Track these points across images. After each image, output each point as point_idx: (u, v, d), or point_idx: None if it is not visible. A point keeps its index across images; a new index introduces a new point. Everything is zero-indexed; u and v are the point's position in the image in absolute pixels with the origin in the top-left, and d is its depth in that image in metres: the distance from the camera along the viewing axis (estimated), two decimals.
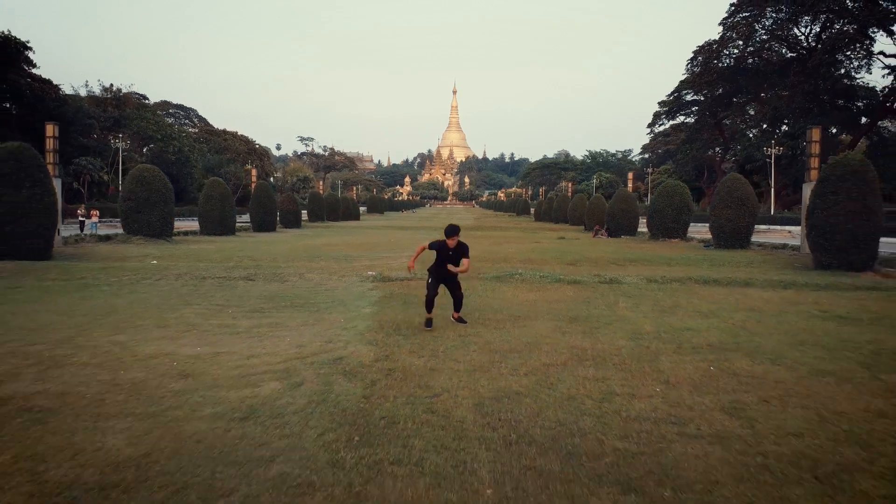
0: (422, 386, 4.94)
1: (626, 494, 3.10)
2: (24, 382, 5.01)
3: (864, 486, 3.26)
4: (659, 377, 5.25)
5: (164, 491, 3.08)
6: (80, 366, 5.54)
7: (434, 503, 2.99)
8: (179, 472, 3.30)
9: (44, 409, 4.35)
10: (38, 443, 3.75)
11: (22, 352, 6.08)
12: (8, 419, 4.17)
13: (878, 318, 8.41)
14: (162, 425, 3.99)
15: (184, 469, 3.33)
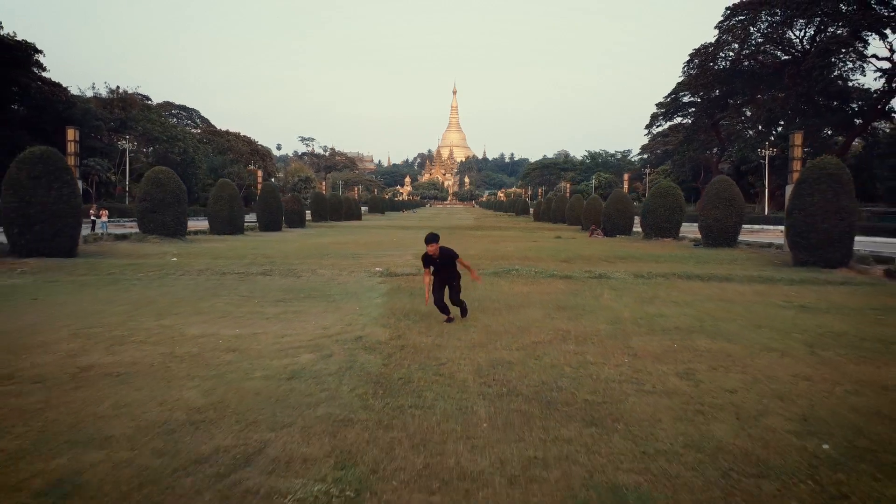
0: (430, 357, 5.94)
1: (588, 427, 4.10)
2: (98, 356, 6.01)
3: (772, 424, 4.25)
4: (628, 351, 6.25)
5: (240, 424, 4.08)
6: (140, 343, 6.54)
7: (444, 431, 3.98)
8: (248, 412, 4.30)
9: (122, 374, 5.35)
10: (127, 396, 4.74)
11: (84, 333, 7.07)
12: (96, 380, 5.16)
13: (835, 308, 9.40)
14: (224, 384, 4.99)
15: (251, 411, 4.33)
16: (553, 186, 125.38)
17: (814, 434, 4.05)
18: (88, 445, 3.73)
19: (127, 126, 55.24)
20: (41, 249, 15.53)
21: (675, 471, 3.44)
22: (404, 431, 3.97)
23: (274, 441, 3.78)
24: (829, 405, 4.67)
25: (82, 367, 5.58)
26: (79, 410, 4.37)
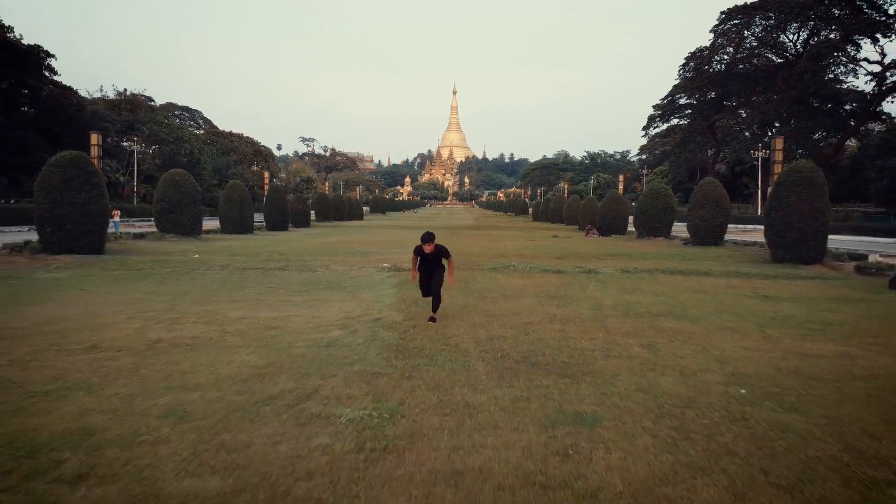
0: (438, 333, 7.13)
1: (562, 379, 5.30)
2: (161, 332, 7.20)
3: (707, 378, 5.45)
4: (603, 329, 7.45)
5: (296, 375, 5.28)
6: (193, 323, 7.73)
7: (452, 381, 5.18)
8: (300, 368, 5.50)
9: (189, 345, 6.55)
10: (200, 359, 5.94)
11: (140, 316, 8.26)
12: (169, 349, 6.36)
13: (795, 298, 10.60)
14: (275, 351, 6.20)
15: (301, 368, 5.53)
16: (552, 187, 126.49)
17: (737, 384, 5.25)
18: (183, 390, 4.93)
19: (134, 128, 56.47)
20: (71, 247, 16.70)
21: (623, 404, 4.64)
22: (421, 380, 5.17)
23: (324, 386, 4.98)
24: (758, 367, 5.88)
25: (152, 340, 6.78)
26: (165, 369, 5.57)
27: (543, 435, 4.00)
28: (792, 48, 60.63)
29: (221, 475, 3.38)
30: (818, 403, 4.76)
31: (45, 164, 17.28)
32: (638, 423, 4.26)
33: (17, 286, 11.34)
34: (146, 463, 3.54)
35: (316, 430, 4.05)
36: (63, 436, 3.93)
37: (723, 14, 60.83)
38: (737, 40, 60.98)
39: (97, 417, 4.27)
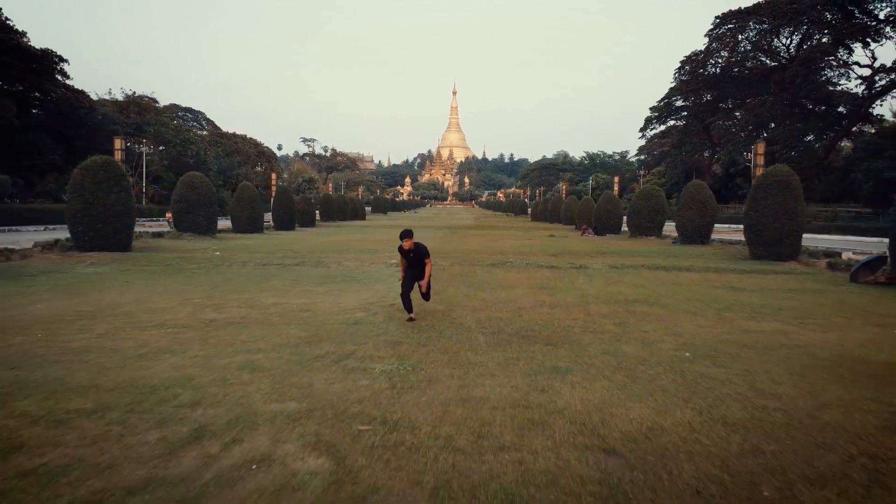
0: (445, 315, 8.49)
1: (546, 346, 6.66)
2: (212, 314, 8.55)
3: (662, 346, 6.80)
4: (585, 312, 8.82)
5: (335, 343, 6.64)
6: (236, 307, 9.09)
7: (457, 348, 6.54)
8: (337, 338, 6.86)
9: (239, 323, 7.90)
10: (253, 333, 7.28)
11: (188, 302, 9.61)
12: (224, 327, 7.71)
13: (759, 289, 11.95)
14: (313, 327, 7.55)
15: (337, 338, 6.89)
16: (552, 187, 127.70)
17: (685, 350, 6.61)
18: (249, 352, 6.29)
19: (142, 130, 57.82)
20: (102, 245, 18.05)
21: (590, 362, 6.00)
22: (434, 347, 6.54)
23: (358, 350, 6.35)
24: (705, 339, 7.23)
25: (207, 319, 8.14)
26: (228, 339, 6.93)
27: (527, 379, 5.37)
28: (785, 52, 62.03)
29: (296, 401, 4.75)
30: (742, 362, 6.12)
31: (53, 165, 18.68)
32: (599, 373, 5.62)
33: (64, 279, 12.68)
34: (239, 395, 4.90)
35: (358, 376, 5.42)
36: (170, 381, 5.29)
37: (717, 19, 62.24)
38: (731, 44, 62.38)
39: (190, 370, 5.64)
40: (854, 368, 6.00)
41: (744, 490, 3.53)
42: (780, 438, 4.23)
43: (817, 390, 5.26)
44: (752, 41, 61.96)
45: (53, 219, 39.46)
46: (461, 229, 39.93)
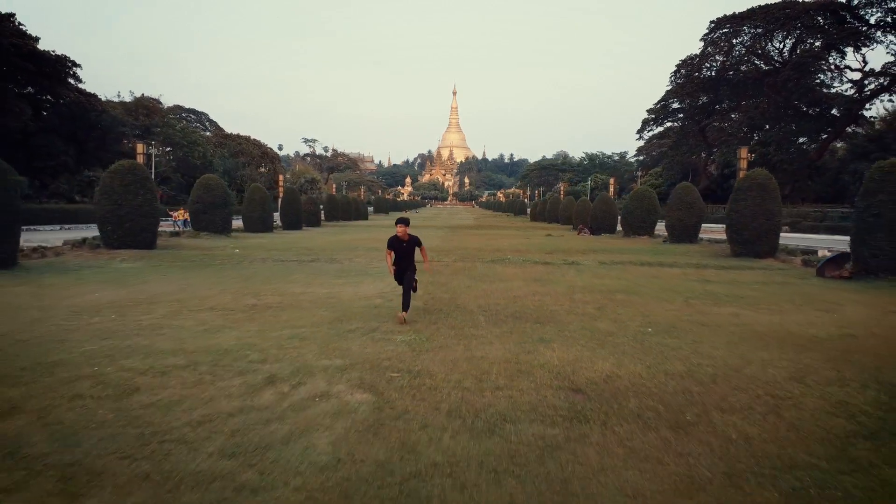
0: (451, 302, 9.92)
1: (535, 324, 8.08)
2: (251, 301, 9.97)
3: (631, 324, 8.21)
4: (570, 299, 10.24)
5: (362, 320, 8.07)
6: (269, 295, 10.50)
7: (463, 324, 7.96)
8: (362, 318, 8.29)
9: (277, 308, 9.31)
10: (292, 315, 8.69)
11: (227, 291, 11.02)
12: (264, 310, 9.12)
13: (728, 282, 13.37)
14: (340, 310, 8.97)
15: (363, 318, 8.32)
16: (551, 187, 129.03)
17: (649, 327, 8.03)
18: (293, 328, 7.70)
19: (150, 131, 59.28)
20: (129, 243, 19.46)
21: (570, 335, 7.43)
22: (443, 324, 7.96)
23: (381, 326, 7.78)
24: (669, 319, 8.65)
25: (249, 304, 9.55)
26: (272, 319, 8.35)
27: (517, 346, 6.79)
28: (778, 56, 63.45)
29: (340, 359, 6.17)
30: (693, 335, 7.55)
31: (65, 167, 20.05)
32: (575, 342, 7.05)
33: (106, 273, 14.09)
34: (295, 355, 6.32)
35: (384, 344, 6.85)
36: (238, 346, 6.71)
37: (712, 23, 63.67)
38: (726, 48, 63.81)
39: (250, 340, 7.06)
40: (783, 340, 7.42)
41: (672, 415, 4.94)
42: (706, 384, 5.65)
43: (746, 354, 6.68)
44: (746, 45, 63.37)
45: (67, 218, 40.82)
46: (462, 229, 41.34)
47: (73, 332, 7.41)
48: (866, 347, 7.10)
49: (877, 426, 4.85)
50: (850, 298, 11.05)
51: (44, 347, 6.66)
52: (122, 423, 4.63)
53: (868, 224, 13.96)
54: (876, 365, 6.35)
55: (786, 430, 4.70)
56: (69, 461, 3.97)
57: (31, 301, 9.81)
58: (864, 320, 8.82)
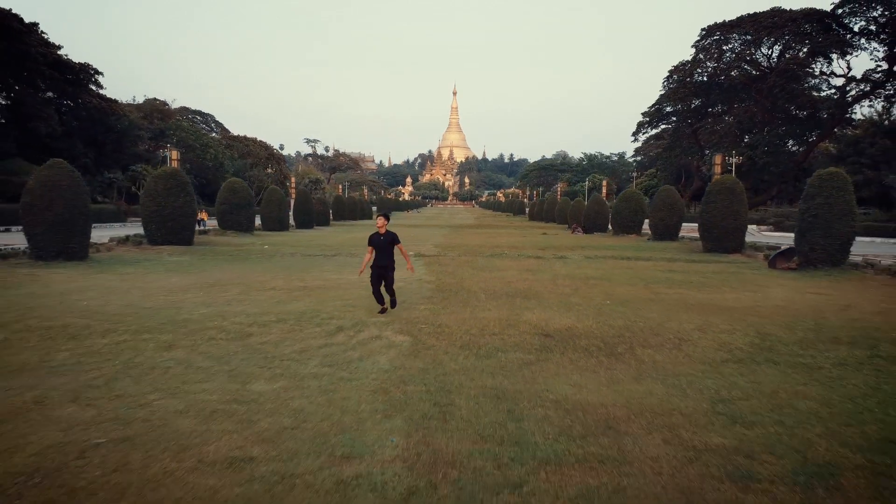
0: (457, 285, 12.52)
1: (524, 300, 10.69)
2: (299, 283, 12.56)
3: (596, 301, 10.82)
4: (553, 283, 12.84)
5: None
6: (313, 280, 13.10)
7: (468, 300, 10.57)
8: (343, 311, 10.88)
9: (323, 288, 11.91)
10: (337, 292, 11.29)
11: (278, 277, 13.60)
12: (313, 291, 11.71)
13: (689, 272, 15.95)
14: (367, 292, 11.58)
15: (341, 313, 10.91)
16: (551, 187, 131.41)
17: (608, 301, 10.63)
18: (343, 301, 10.30)
19: (164, 134, 61.88)
20: (170, 240, 22.04)
21: (547, 304, 10.03)
22: (453, 300, 10.57)
23: (407, 300, 10.39)
24: (627, 296, 11.25)
25: (300, 286, 12.15)
26: (323, 296, 10.95)
27: (508, 311, 9.41)
28: (766, 62, 66.03)
29: (384, 318, 8.77)
30: (640, 306, 10.15)
31: (85, 169, 22.48)
32: (550, 308, 9.66)
33: (162, 265, 16.65)
34: (351, 315, 8.93)
35: (412, 310, 9.47)
36: (307, 310, 9.31)
37: (703, 31, 66.23)
38: (717, 55, 66.35)
39: (314, 306, 9.66)
40: (705, 308, 10.03)
41: (608, 349, 7.52)
42: (636, 332, 8.25)
43: (672, 316, 9.29)
44: (736, 52, 65.91)
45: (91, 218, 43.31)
46: (464, 228, 43.94)
47: (181, 303, 10.02)
48: (763, 313, 9.72)
49: (745, 357, 7.42)
50: (780, 283, 13.66)
51: (168, 312, 9.27)
52: (250, 353, 7.22)
53: (808, 223, 16.54)
54: (762, 323, 8.96)
55: (681, 358, 7.28)
56: (227, 370, 6.55)
57: (123, 284, 12.41)
58: (778, 297, 11.43)
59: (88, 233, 17.04)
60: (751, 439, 4.74)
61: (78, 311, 9.32)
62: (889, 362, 7.16)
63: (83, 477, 3.95)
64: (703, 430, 4.90)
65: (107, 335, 7.80)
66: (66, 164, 16.77)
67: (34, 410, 5.16)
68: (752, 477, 4.09)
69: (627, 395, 5.79)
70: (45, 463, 4.15)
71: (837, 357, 7.35)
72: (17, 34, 40.61)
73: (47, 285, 12.03)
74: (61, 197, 15.86)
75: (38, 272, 13.94)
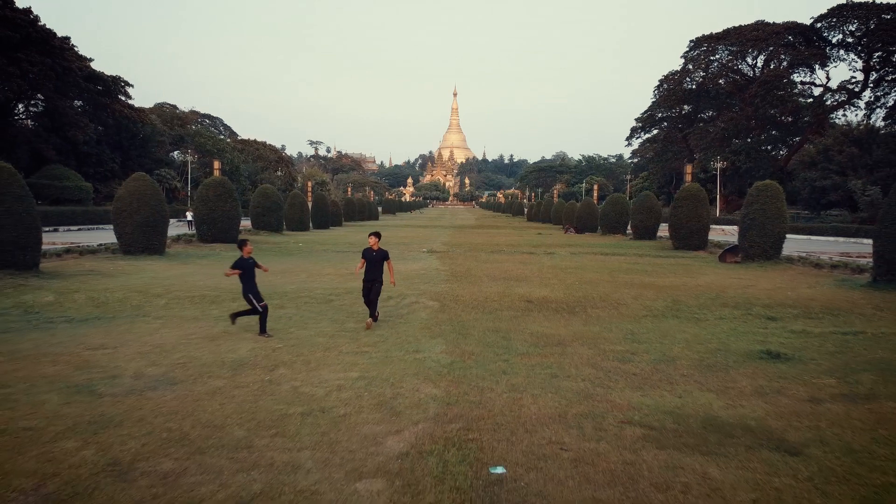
0: (466, 273, 16.47)
1: (516, 282, 14.63)
2: (345, 272, 16.49)
3: (570, 283, 14.76)
4: (539, 271, 16.80)
5: (418, 281, 14.62)
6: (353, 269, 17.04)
7: (475, 282, 14.51)
8: (417, 280, 14.86)
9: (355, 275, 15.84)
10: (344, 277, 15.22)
11: (329, 267, 17.52)
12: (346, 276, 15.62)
13: (650, 263, 19.87)
14: (405, 275, 15.51)
15: (418, 280, 14.89)
16: (549, 188, 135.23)
17: (578, 282, 14.57)
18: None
19: (183, 140, 65.90)
20: (219, 238, 25.94)
21: (531, 284, 13.98)
22: (464, 282, 14.53)
23: (430, 282, 14.33)
24: (592, 279, 15.19)
25: (346, 273, 16.08)
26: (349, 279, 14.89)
27: (504, 288, 13.36)
28: (751, 71, 70.02)
29: (419, 291, 12.72)
30: (599, 285, 14.09)
31: (112, 173, 26.38)
32: (533, 286, 13.61)
33: (223, 258, 20.48)
34: (396, 290, 12.85)
35: (436, 287, 13.41)
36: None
37: (692, 42, 70.32)
38: (704, 65, 70.39)
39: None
40: (646, 286, 13.95)
41: (570, 309, 11.44)
42: (590, 300, 12.19)
43: (618, 291, 13.21)
44: (722, 62, 69.93)
45: None
46: (466, 228, 47.88)
47: (270, 283, 13.92)
48: (685, 290, 13.65)
49: (658, 314, 11.33)
50: (716, 272, 17.60)
51: (266, 288, 13.15)
52: (336, 310, 11.15)
53: (747, 225, 20.47)
54: (679, 295, 12.89)
55: (616, 314, 11.20)
56: (327, 318, 10.46)
57: (212, 271, 16.30)
58: (704, 281, 15.36)
59: (165, 232, 20.95)
60: (639, 348, 8.63)
61: (202, 286, 13.26)
62: (753, 315, 11.09)
63: (286, 359, 7.88)
64: (613, 344, 8.81)
65: (238, 298, 11.72)
66: (148, 177, 20.68)
67: (236, 334, 9.10)
68: (619, 360, 8.01)
69: (575, 330, 9.72)
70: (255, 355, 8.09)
71: (720, 314, 11.27)
72: (59, 51, 44.56)
73: (156, 272, 15.97)
74: (146, 204, 19.75)
75: (136, 263, 17.86)
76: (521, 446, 4.94)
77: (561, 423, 5.48)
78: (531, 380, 6.85)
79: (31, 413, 5.56)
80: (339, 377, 6.87)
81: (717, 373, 7.38)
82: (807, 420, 5.75)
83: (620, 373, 7.26)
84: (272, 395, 6.18)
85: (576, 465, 4.60)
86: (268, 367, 7.31)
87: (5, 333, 8.99)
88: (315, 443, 4.95)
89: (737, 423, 5.58)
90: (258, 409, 5.76)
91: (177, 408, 5.74)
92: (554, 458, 4.73)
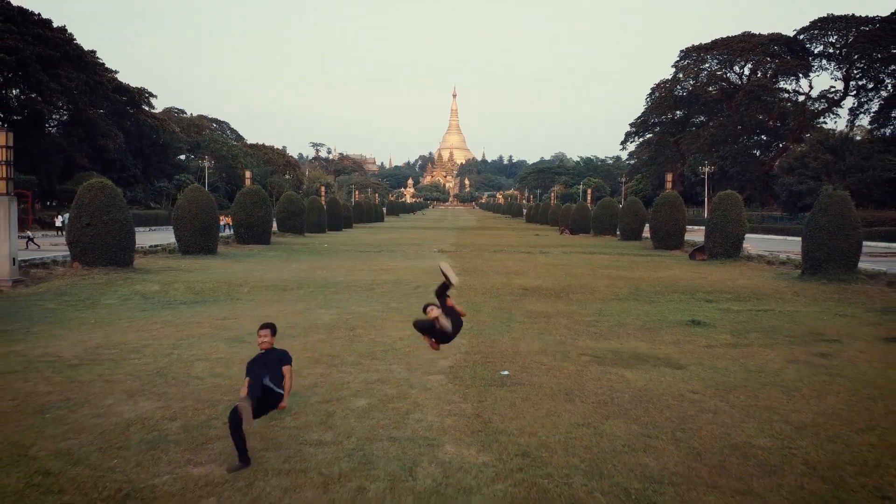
0: (474, 267, 20.08)
1: (514, 275, 18.24)
2: (378, 268, 20.08)
3: (557, 273, 18.38)
4: (534, 267, 20.42)
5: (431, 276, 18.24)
6: (386, 265, 20.65)
7: (481, 274, 18.12)
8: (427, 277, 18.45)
9: (395, 270, 19.44)
10: (408, 273, 18.81)
11: (361, 263, 21.11)
12: (390, 270, 19.24)
13: (628, 261, 23.46)
14: (425, 270, 19.11)
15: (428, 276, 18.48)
16: (548, 189, 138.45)
17: (564, 275, 18.18)
18: (413, 274, 17.83)
19: (199, 146, 69.48)
20: (254, 240, 29.54)
21: (527, 276, 17.60)
22: (473, 275, 18.15)
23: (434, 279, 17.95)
24: (575, 272, 18.79)
25: (377, 269, 19.67)
26: (400, 272, 18.49)
27: (505, 279, 16.98)
28: (738, 79, 73.69)
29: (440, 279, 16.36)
30: (581, 277, 17.70)
31: (135, 178, 29.83)
32: (528, 278, 17.22)
33: (265, 257, 24.09)
34: (421, 280, 16.46)
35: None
36: (396, 279, 16.85)
37: (682, 52, 74.05)
38: (694, 73, 74.05)
39: (398, 276, 17.20)
40: (618, 278, 17.56)
41: (556, 294, 15.03)
42: (572, 287, 15.80)
43: (595, 281, 16.82)
44: (711, 71, 73.61)
45: (149, 221, 50.67)
46: (469, 230, 51.48)
47: (317, 277, 17.52)
48: (648, 280, 17.23)
49: (623, 297, 14.91)
50: (680, 267, 21.21)
51: (316, 280, 16.78)
52: (379, 295, 14.74)
53: (712, 228, 24.07)
54: (642, 283, 16.47)
55: (591, 298, 14.80)
56: (375, 300, 14.05)
57: (263, 267, 19.88)
58: (666, 274, 18.94)
59: (217, 235, 24.53)
60: (602, 319, 12.21)
61: (266, 279, 16.86)
62: (695, 299, 14.68)
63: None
64: (585, 316, 12.39)
65: (301, 287, 15.35)
66: (203, 189, 24.36)
67: (315, 310, 12.71)
68: (586, 325, 11.60)
69: (559, 308, 13.32)
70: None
71: (671, 298, 14.87)
72: (92, 66, 48.17)
73: (221, 267, 19.57)
74: (203, 211, 23.33)
75: (198, 261, 21.44)
76: (518, 363, 8.55)
77: (542, 354, 9.09)
78: (525, 334, 10.48)
79: (213, 352, 9.12)
80: (399, 334, 10.45)
81: (652, 332, 10.97)
82: (697, 356, 9.32)
83: (586, 332, 10.87)
84: (360, 341, 9.79)
85: (548, 371, 8.21)
86: (348, 328, 10.90)
87: (145, 311, 12.56)
88: (399, 361, 8.56)
89: (651, 356, 9.17)
90: (354, 349, 9.35)
91: (305, 347, 9.32)
92: (537, 368, 8.34)
